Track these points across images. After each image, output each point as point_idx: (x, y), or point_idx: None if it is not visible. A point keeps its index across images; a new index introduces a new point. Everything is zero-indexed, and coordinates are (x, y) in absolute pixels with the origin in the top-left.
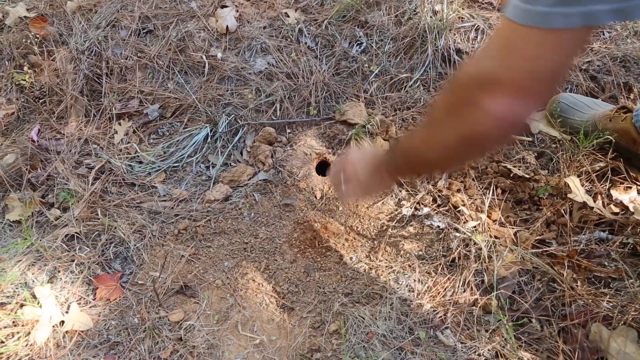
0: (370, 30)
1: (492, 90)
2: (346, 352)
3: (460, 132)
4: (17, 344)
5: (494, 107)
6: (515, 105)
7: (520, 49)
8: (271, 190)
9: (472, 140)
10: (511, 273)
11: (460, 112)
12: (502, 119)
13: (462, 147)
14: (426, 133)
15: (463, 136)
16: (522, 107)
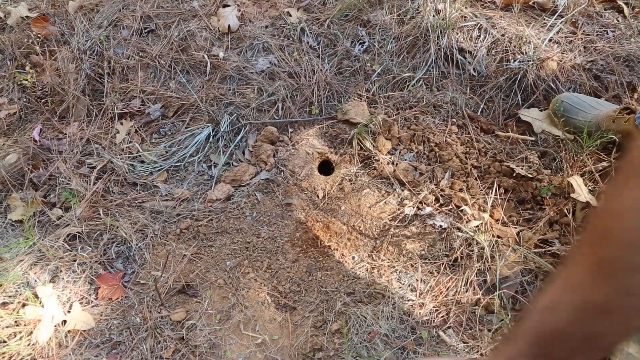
0: (373, 30)
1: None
2: (348, 351)
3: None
4: (19, 343)
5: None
6: None
7: None
8: (273, 190)
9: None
10: (514, 273)
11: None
12: None
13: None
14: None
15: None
16: None
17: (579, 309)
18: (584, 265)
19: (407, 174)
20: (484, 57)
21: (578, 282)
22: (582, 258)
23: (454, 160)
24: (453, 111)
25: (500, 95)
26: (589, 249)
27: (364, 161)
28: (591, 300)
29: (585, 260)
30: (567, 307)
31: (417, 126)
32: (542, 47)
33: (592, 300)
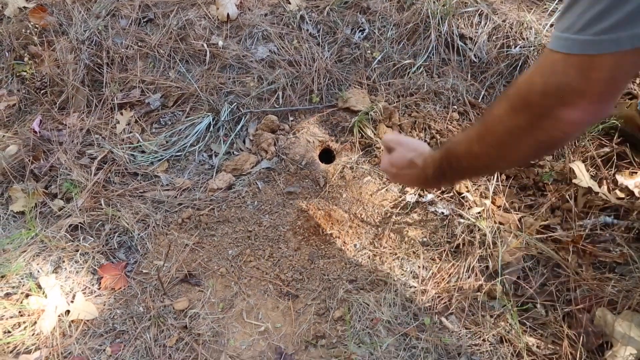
0: (373, 17)
1: (571, 102)
2: (351, 338)
3: (539, 140)
4: (23, 333)
5: (575, 116)
6: (597, 111)
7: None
8: (274, 179)
9: (549, 144)
10: (516, 259)
11: (535, 125)
12: (581, 124)
13: (538, 152)
14: (495, 150)
15: (540, 143)
16: (601, 112)
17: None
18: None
19: None
20: (484, 44)
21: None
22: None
23: None
24: (454, 98)
25: (501, 82)
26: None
27: (365, 149)
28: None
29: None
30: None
31: (418, 113)
32: (543, 32)
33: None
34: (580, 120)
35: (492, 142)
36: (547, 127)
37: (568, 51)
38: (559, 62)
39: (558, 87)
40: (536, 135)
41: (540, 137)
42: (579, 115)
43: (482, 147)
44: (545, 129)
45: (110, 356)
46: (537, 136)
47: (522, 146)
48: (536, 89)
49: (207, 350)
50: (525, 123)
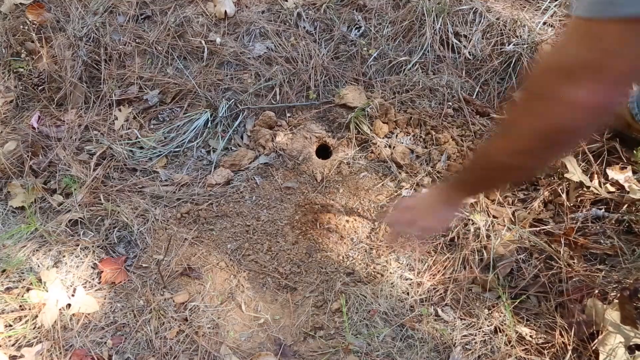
0: (369, 14)
1: (578, 77)
2: (348, 329)
3: (541, 129)
4: (24, 327)
5: (581, 95)
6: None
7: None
8: (272, 174)
9: (556, 136)
10: (509, 251)
11: (539, 109)
12: (591, 107)
13: (544, 145)
14: (502, 140)
15: (544, 133)
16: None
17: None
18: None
19: (404, 156)
20: (479, 41)
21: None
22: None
23: (450, 142)
24: (449, 94)
25: (495, 79)
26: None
27: (362, 145)
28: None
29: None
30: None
31: (413, 110)
32: (536, 30)
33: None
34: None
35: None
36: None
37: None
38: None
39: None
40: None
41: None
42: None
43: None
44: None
45: (111, 348)
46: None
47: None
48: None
49: (208, 342)
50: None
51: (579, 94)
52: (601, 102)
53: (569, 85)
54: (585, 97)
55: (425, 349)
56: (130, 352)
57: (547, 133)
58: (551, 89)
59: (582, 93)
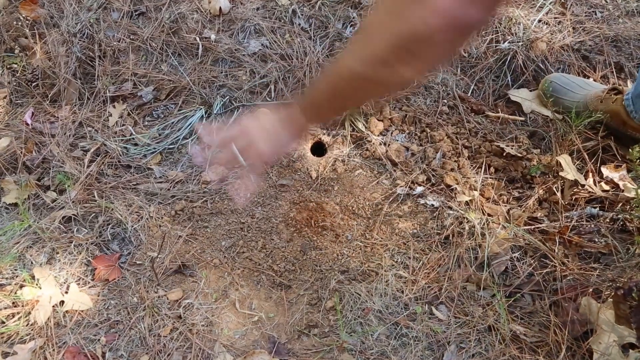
0: (364, 11)
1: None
2: (343, 327)
3: (400, 32)
4: (17, 324)
5: (444, 4)
6: (468, 6)
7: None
8: (267, 171)
9: (410, 42)
10: (504, 249)
11: (401, 11)
12: (447, 17)
13: (398, 51)
14: (359, 45)
15: (399, 36)
16: (474, 12)
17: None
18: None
19: (399, 154)
20: (474, 38)
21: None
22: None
23: (445, 140)
24: (444, 92)
25: (490, 76)
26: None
27: (356, 142)
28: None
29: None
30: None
31: (408, 107)
32: (531, 28)
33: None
34: (446, 10)
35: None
36: (413, 15)
37: None
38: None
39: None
40: (400, 24)
41: (403, 27)
42: (447, 3)
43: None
44: (410, 17)
45: (104, 346)
46: (400, 25)
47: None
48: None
49: (201, 340)
50: (393, 4)
51: (437, 1)
52: (457, 13)
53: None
54: (442, 5)
55: (420, 347)
56: (123, 350)
57: (402, 37)
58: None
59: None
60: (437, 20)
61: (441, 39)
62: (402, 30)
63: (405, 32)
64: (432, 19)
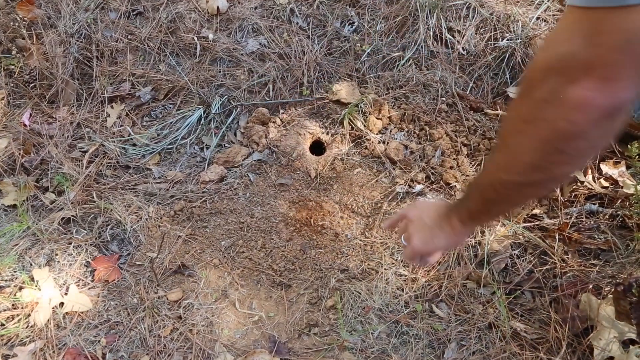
0: (362, 10)
1: (577, 76)
2: (343, 326)
3: (545, 138)
4: (17, 325)
5: (580, 96)
6: (608, 91)
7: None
8: (266, 170)
9: (557, 143)
10: (504, 247)
11: (539, 115)
12: (593, 111)
13: (547, 156)
14: (503, 155)
15: (549, 142)
16: (617, 93)
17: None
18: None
19: (398, 152)
20: (472, 36)
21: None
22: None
23: (443, 138)
24: (442, 90)
25: (488, 74)
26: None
27: (355, 141)
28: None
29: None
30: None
31: (407, 105)
32: (529, 25)
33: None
34: (588, 102)
35: (499, 145)
36: (550, 116)
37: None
38: (567, 25)
39: (560, 59)
40: (540, 129)
41: (543, 132)
42: (585, 95)
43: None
44: (549, 120)
45: (105, 347)
46: (540, 132)
47: (526, 151)
48: (539, 65)
49: (202, 340)
50: (528, 112)
51: (581, 94)
52: (604, 103)
53: (567, 85)
54: (587, 97)
55: (420, 345)
56: (124, 351)
57: (549, 142)
58: (552, 90)
59: (583, 93)
60: (581, 116)
61: (593, 131)
62: (547, 135)
63: (551, 136)
64: (576, 116)
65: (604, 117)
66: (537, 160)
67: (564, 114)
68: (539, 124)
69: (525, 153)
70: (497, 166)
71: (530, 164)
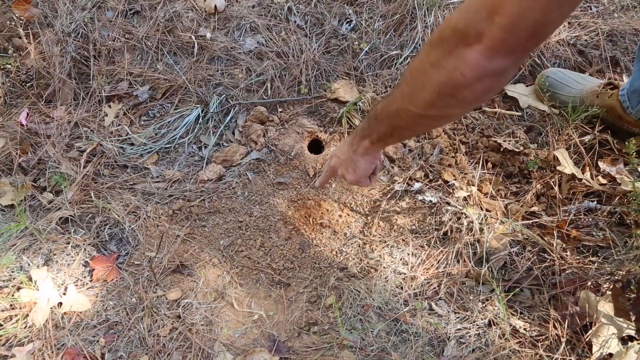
0: (360, 8)
1: (472, 43)
2: (342, 324)
3: (439, 80)
4: (15, 326)
5: (472, 58)
6: (493, 59)
7: (503, 4)
8: (264, 169)
9: (450, 89)
10: (502, 244)
11: (441, 63)
12: (479, 70)
13: (441, 97)
14: (409, 88)
15: (441, 84)
16: (500, 62)
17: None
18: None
19: (396, 150)
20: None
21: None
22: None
23: (442, 136)
24: None
25: None
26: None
27: None
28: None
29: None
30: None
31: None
32: None
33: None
34: (475, 63)
35: (407, 79)
36: (450, 66)
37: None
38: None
39: (466, 24)
40: (440, 75)
41: (442, 77)
42: (475, 57)
43: (400, 86)
44: (448, 68)
45: (104, 347)
46: (440, 76)
47: (426, 87)
48: (451, 24)
49: (201, 339)
50: (435, 59)
51: (472, 56)
52: (487, 65)
53: (467, 48)
54: (476, 59)
55: (420, 343)
56: (123, 350)
57: (444, 84)
58: (454, 47)
59: (474, 56)
60: (469, 72)
61: (477, 85)
62: (443, 80)
63: (446, 81)
64: (466, 71)
65: (485, 76)
66: (434, 98)
67: (458, 67)
68: (440, 70)
69: (426, 91)
70: (403, 96)
71: (429, 100)
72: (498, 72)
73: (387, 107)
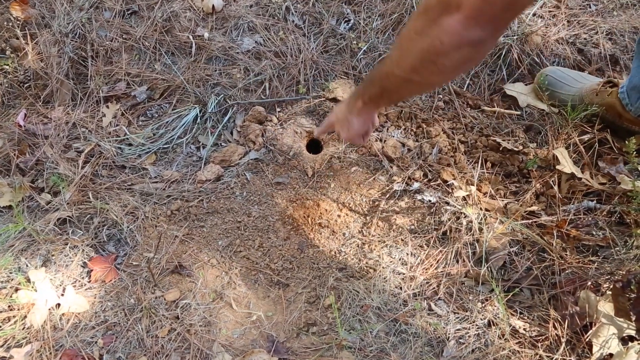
0: (358, 7)
1: (452, 12)
2: (341, 324)
3: (422, 47)
4: (13, 327)
5: (451, 26)
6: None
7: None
8: (263, 169)
9: (430, 55)
10: (502, 244)
11: (425, 31)
12: (457, 39)
13: (423, 63)
14: (397, 53)
15: (423, 51)
16: (477, 31)
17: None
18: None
19: (395, 150)
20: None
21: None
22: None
23: (441, 135)
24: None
25: (485, 71)
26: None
27: None
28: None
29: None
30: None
31: (404, 103)
32: (526, 21)
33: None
34: (453, 31)
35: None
36: (432, 34)
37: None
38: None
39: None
40: (423, 42)
41: (424, 44)
42: (453, 26)
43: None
44: (430, 36)
45: (102, 348)
46: (423, 43)
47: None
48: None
49: (199, 340)
50: (420, 26)
51: (451, 24)
52: (464, 34)
53: (446, 15)
54: (454, 27)
55: (419, 343)
56: (121, 352)
57: (426, 51)
58: (436, 16)
59: (453, 24)
60: (448, 39)
61: (454, 53)
62: (425, 47)
63: (427, 47)
64: (445, 38)
65: (462, 45)
66: (417, 64)
67: (439, 35)
68: (424, 37)
69: (411, 56)
70: (392, 60)
71: (413, 65)
72: (475, 42)
73: (380, 69)
